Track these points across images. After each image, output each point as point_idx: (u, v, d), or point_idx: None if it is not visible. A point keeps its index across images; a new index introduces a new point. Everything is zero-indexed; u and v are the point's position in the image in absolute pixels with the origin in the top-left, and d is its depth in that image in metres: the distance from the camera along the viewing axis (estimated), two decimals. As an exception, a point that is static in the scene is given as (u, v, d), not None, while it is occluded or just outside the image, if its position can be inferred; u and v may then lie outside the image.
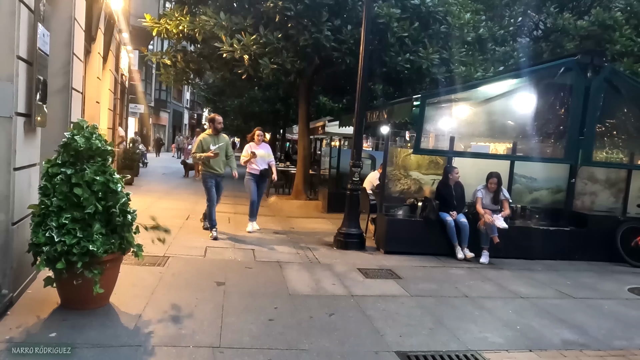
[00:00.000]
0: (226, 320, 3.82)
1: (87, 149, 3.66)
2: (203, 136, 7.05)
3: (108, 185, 3.72)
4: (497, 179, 6.84)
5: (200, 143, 6.98)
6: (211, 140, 6.96)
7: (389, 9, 9.27)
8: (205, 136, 7.03)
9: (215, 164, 6.94)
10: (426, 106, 6.46)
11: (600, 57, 7.10)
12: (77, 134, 3.67)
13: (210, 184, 6.98)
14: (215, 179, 7.04)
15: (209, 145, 6.87)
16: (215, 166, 6.97)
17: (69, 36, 5.69)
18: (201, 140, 7.01)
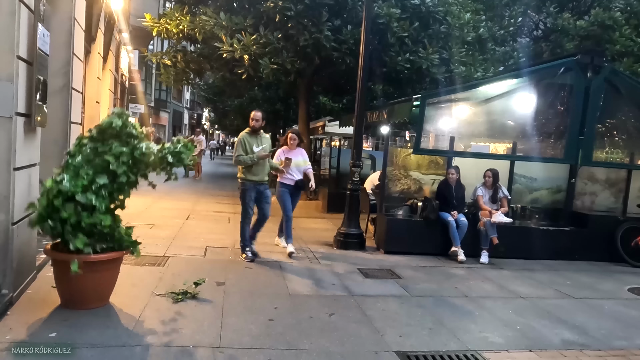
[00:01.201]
0: (226, 320, 3.82)
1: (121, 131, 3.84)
2: (243, 135, 5.86)
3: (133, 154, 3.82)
4: (491, 172, 6.89)
5: (243, 143, 5.75)
6: (254, 141, 5.80)
7: (389, 9, 9.28)
8: (245, 135, 5.84)
9: (257, 170, 5.76)
10: (426, 106, 6.46)
11: (600, 57, 7.10)
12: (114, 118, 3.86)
13: (249, 197, 5.74)
14: (257, 188, 5.80)
15: (252, 147, 5.73)
16: (257, 173, 5.77)
17: (69, 36, 5.70)
18: (242, 140, 5.79)
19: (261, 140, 5.86)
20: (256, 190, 5.78)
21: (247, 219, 5.82)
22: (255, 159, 5.65)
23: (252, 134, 5.82)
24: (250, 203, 5.79)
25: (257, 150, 5.71)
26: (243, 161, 5.65)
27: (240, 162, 5.70)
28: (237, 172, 6.07)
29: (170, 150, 3.93)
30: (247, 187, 5.74)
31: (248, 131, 5.86)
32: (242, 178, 5.77)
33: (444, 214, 6.72)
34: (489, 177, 6.91)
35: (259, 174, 5.80)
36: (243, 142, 5.76)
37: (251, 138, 5.80)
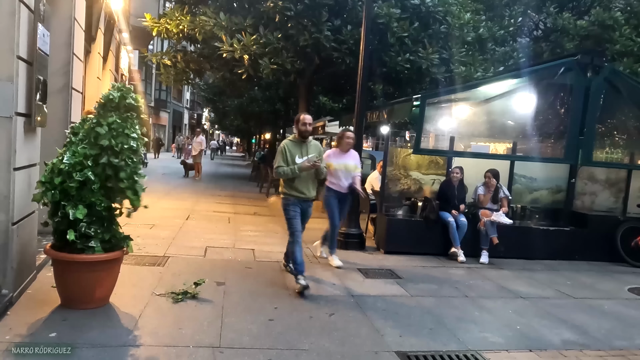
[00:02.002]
0: (226, 320, 3.82)
1: (120, 103, 3.88)
2: (285, 143, 5.00)
3: (124, 129, 3.81)
4: (491, 173, 6.89)
5: (284, 152, 4.87)
6: (298, 150, 4.90)
7: (389, 9, 9.28)
8: (288, 142, 4.98)
9: (300, 184, 4.88)
10: (426, 106, 6.46)
11: (600, 57, 7.11)
12: (113, 91, 3.92)
13: (294, 212, 4.88)
14: (301, 205, 4.93)
15: (294, 157, 4.85)
16: (301, 187, 4.89)
17: (69, 36, 5.70)
18: (284, 149, 4.90)
19: (308, 149, 4.91)
20: (300, 206, 4.92)
21: (296, 237, 4.83)
22: (296, 171, 4.77)
23: (298, 141, 4.93)
24: (296, 219, 4.85)
25: (301, 160, 4.81)
26: (283, 173, 4.83)
27: (279, 175, 4.89)
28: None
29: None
30: (290, 201, 4.90)
31: (293, 138, 5.01)
32: (284, 193, 4.95)
33: (445, 214, 6.73)
34: (489, 177, 6.91)
35: (303, 190, 4.89)
36: (284, 151, 4.86)
37: (295, 146, 4.90)
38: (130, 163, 3.83)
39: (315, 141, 5.19)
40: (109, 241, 3.83)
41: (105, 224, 3.83)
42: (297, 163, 4.81)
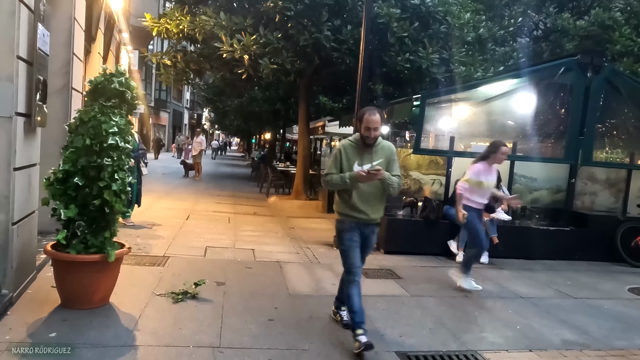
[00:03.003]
0: (226, 320, 3.82)
1: (105, 88, 3.82)
2: (343, 144, 3.84)
3: (101, 124, 3.69)
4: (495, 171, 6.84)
5: (338, 157, 3.75)
6: (357, 155, 3.72)
7: (389, 9, 9.27)
8: (347, 145, 3.79)
9: (364, 200, 3.69)
10: (426, 106, 6.47)
11: (600, 57, 7.11)
12: (100, 77, 3.86)
13: (351, 240, 3.70)
14: (361, 230, 3.75)
15: (352, 165, 3.68)
16: (363, 205, 3.69)
17: (69, 36, 5.70)
18: (340, 153, 3.77)
19: (372, 155, 3.71)
20: (359, 232, 3.73)
21: (353, 274, 3.67)
22: (347, 180, 3.60)
23: (360, 145, 3.73)
24: (353, 252, 3.69)
25: (358, 169, 3.62)
26: (332, 182, 3.71)
27: (327, 184, 3.78)
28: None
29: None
30: (346, 225, 3.72)
31: (354, 140, 3.80)
32: (339, 212, 3.81)
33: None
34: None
35: (364, 209, 3.69)
36: (339, 156, 3.74)
37: (355, 151, 3.72)
38: (111, 162, 3.67)
39: (387, 143, 3.90)
40: (97, 245, 3.74)
41: (94, 226, 3.75)
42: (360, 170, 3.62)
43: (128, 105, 3.97)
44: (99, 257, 3.68)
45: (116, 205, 3.71)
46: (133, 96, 3.98)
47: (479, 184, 5.06)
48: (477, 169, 5.14)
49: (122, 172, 3.77)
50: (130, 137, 3.93)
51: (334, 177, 3.72)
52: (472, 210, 5.09)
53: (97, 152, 3.67)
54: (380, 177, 3.55)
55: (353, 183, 3.63)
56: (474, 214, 5.10)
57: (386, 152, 3.80)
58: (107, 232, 3.81)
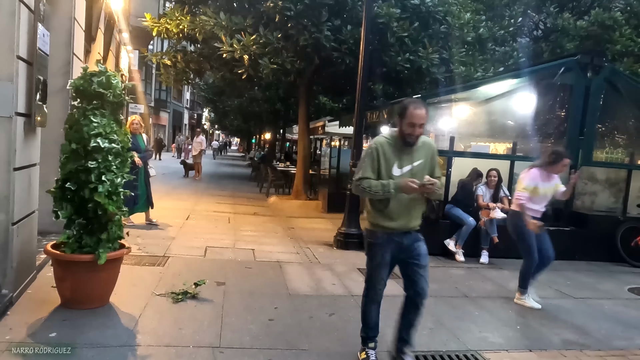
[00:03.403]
0: (226, 320, 3.82)
1: (85, 90, 3.78)
2: (380, 143, 3.14)
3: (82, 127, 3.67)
4: (496, 172, 6.84)
5: (375, 158, 3.12)
6: (396, 156, 3.11)
7: (388, 8, 9.28)
8: (384, 143, 3.13)
9: (402, 208, 3.12)
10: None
11: (600, 57, 7.11)
12: (79, 79, 3.82)
13: (382, 257, 3.16)
14: (398, 242, 3.15)
15: (392, 167, 3.09)
16: (400, 214, 3.13)
17: (69, 36, 5.70)
18: (376, 152, 3.12)
19: (413, 155, 3.13)
20: (396, 246, 3.14)
21: (375, 295, 3.28)
22: (390, 189, 3.01)
23: (399, 143, 3.11)
24: (380, 270, 3.17)
25: (399, 173, 3.07)
26: (369, 190, 3.05)
27: (361, 191, 3.12)
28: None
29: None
30: (379, 239, 3.15)
31: (391, 137, 3.16)
32: (370, 222, 3.22)
33: (464, 215, 6.68)
34: (494, 176, 6.86)
35: (402, 217, 3.13)
36: (376, 156, 3.10)
37: (393, 150, 3.11)
38: (96, 164, 3.62)
39: (427, 139, 3.27)
40: (91, 245, 3.73)
41: (89, 226, 3.75)
42: (394, 176, 3.06)
43: (111, 105, 3.86)
44: (90, 258, 3.64)
45: (109, 207, 3.65)
46: (116, 94, 3.85)
47: (534, 191, 4.75)
48: (533, 175, 4.78)
49: (110, 173, 3.69)
50: (117, 136, 3.79)
51: (372, 183, 3.03)
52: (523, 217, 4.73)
53: (83, 156, 3.65)
54: (434, 190, 3.01)
55: (395, 191, 3.02)
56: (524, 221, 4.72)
57: (427, 150, 3.19)
58: (104, 234, 3.76)
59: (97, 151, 3.65)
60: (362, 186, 3.08)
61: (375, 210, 3.17)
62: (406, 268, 3.21)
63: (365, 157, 3.16)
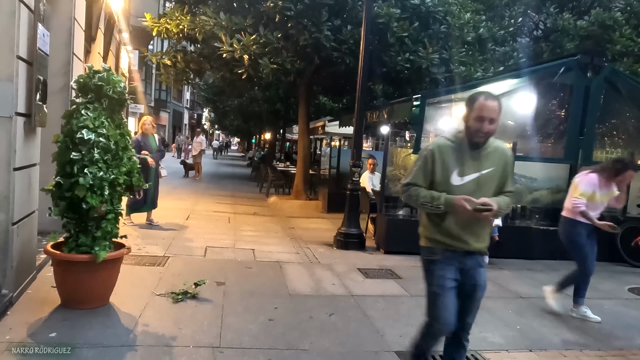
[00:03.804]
0: (226, 320, 3.82)
1: (86, 85, 3.84)
2: (438, 145, 2.72)
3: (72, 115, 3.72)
4: None
5: (430, 161, 2.67)
6: (458, 159, 2.64)
7: (388, 8, 9.27)
8: (443, 144, 2.70)
9: (460, 224, 2.62)
10: (426, 106, 6.47)
11: (600, 57, 7.11)
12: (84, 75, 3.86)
13: (444, 279, 2.65)
14: (460, 262, 2.67)
15: (450, 174, 2.63)
16: (459, 230, 2.64)
17: (69, 36, 5.70)
18: (434, 155, 2.67)
19: (480, 162, 2.63)
20: (457, 266, 2.65)
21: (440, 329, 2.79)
22: (440, 204, 2.55)
23: (463, 144, 2.64)
24: (444, 295, 2.64)
25: (460, 183, 2.59)
26: (417, 200, 2.65)
27: (410, 199, 2.71)
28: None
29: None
30: (437, 255, 2.67)
31: (455, 138, 2.69)
32: (428, 238, 2.72)
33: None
34: None
35: (464, 234, 2.62)
36: (430, 161, 2.65)
37: (455, 154, 2.63)
38: (79, 155, 3.57)
39: (502, 144, 2.78)
40: (87, 244, 3.70)
41: (82, 224, 3.72)
42: (453, 186, 2.58)
43: (110, 100, 3.82)
44: (87, 257, 3.62)
45: (91, 201, 3.56)
46: (116, 91, 3.83)
47: (591, 197, 4.46)
48: (592, 180, 4.50)
49: (94, 166, 3.60)
50: (106, 131, 3.71)
51: (421, 192, 2.61)
52: (580, 227, 4.46)
53: (70, 149, 3.63)
54: (492, 216, 2.56)
55: (446, 207, 2.55)
56: (581, 232, 4.46)
57: (500, 157, 2.67)
58: (98, 232, 3.72)
59: (82, 143, 3.60)
60: (409, 193, 2.69)
61: (430, 223, 2.69)
62: (460, 292, 2.67)
63: (418, 160, 2.73)
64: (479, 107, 2.62)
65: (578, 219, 4.47)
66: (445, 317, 2.62)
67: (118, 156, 3.85)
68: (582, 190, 4.50)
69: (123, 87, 3.93)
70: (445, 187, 2.60)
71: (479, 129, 2.58)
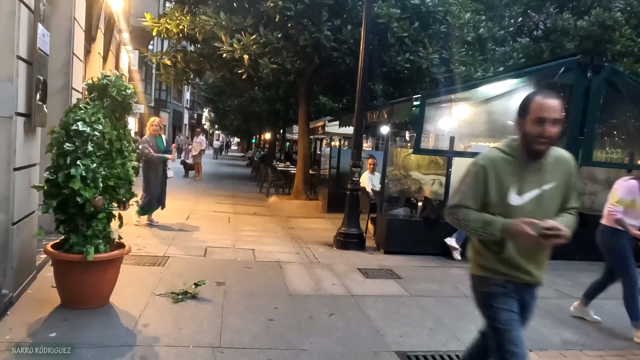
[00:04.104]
0: (226, 320, 3.82)
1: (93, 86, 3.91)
2: (491, 159, 2.22)
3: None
4: None
5: (483, 180, 2.19)
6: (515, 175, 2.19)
7: (389, 9, 9.27)
8: (497, 158, 2.22)
9: (524, 251, 2.20)
10: (426, 106, 6.46)
11: (600, 57, 7.11)
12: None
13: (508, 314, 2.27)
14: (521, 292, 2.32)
15: (508, 192, 2.17)
16: (522, 259, 2.22)
17: (69, 36, 5.70)
18: (486, 171, 2.19)
19: (542, 175, 2.22)
20: (517, 298, 2.33)
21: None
22: (495, 232, 2.16)
23: (519, 157, 2.22)
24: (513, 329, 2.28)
25: (519, 203, 2.19)
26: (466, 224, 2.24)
27: (458, 223, 2.27)
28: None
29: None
30: (497, 288, 2.29)
31: (510, 148, 2.27)
32: (482, 266, 2.32)
33: None
34: None
35: (527, 263, 2.26)
36: (482, 179, 2.21)
37: (511, 168, 2.21)
38: (73, 147, 3.58)
39: (563, 152, 2.36)
40: (79, 243, 3.68)
41: (72, 224, 3.71)
42: (511, 207, 2.17)
43: (111, 100, 3.83)
44: (79, 257, 3.61)
45: (84, 193, 3.53)
46: (120, 92, 3.84)
47: (632, 204, 4.21)
48: (631, 187, 4.21)
49: (87, 159, 3.59)
50: (102, 127, 3.70)
51: (472, 216, 2.19)
52: (620, 236, 4.22)
53: (64, 141, 3.63)
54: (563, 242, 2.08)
55: (503, 233, 2.14)
56: (621, 241, 4.22)
57: (563, 168, 2.27)
58: (89, 231, 3.70)
59: (77, 135, 3.61)
60: (457, 217, 2.25)
61: (487, 250, 2.28)
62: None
63: (466, 178, 2.25)
64: (537, 108, 2.19)
65: (618, 227, 4.27)
66: (521, 355, 2.22)
67: (110, 157, 3.82)
68: (620, 198, 4.27)
69: (130, 94, 3.95)
70: (501, 208, 2.18)
71: (541, 134, 2.14)
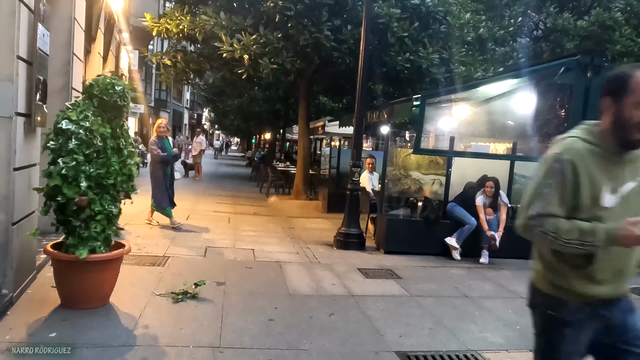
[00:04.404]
0: (226, 320, 3.82)
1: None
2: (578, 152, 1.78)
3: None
4: (494, 182, 6.70)
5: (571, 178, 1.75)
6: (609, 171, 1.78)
7: (389, 9, 9.28)
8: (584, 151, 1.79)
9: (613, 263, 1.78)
10: (426, 106, 6.46)
11: (601, 57, 7.10)
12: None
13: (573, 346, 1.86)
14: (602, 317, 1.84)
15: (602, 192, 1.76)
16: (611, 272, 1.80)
17: (69, 36, 5.70)
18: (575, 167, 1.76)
19: (636, 166, 1.82)
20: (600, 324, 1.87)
21: None
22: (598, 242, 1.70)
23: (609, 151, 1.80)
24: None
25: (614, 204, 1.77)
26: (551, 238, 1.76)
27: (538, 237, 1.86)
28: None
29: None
30: (572, 314, 1.85)
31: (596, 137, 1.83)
32: (555, 285, 1.91)
33: (467, 214, 6.67)
34: (490, 187, 6.70)
35: (616, 277, 1.84)
36: (570, 175, 1.76)
37: (600, 163, 1.78)
38: (55, 144, 3.57)
39: None
40: (74, 243, 3.67)
41: (68, 225, 3.69)
42: (605, 210, 1.77)
43: (99, 100, 3.77)
44: (73, 257, 3.60)
45: (66, 191, 3.50)
46: (106, 91, 3.77)
47: None
48: None
49: (69, 157, 3.53)
50: (88, 124, 3.64)
51: (562, 225, 1.74)
52: None
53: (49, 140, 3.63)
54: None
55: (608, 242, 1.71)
56: None
57: None
58: (86, 232, 3.67)
59: (61, 133, 3.59)
60: (542, 230, 1.76)
61: (564, 263, 1.84)
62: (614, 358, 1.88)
63: (547, 175, 1.84)
64: (635, 90, 1.71)
65: None
66: None
67: (105, 154, 3.77)
68: None
69: (119, 92, 3.81)
70: (591, 212, 1.76)
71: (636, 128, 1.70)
